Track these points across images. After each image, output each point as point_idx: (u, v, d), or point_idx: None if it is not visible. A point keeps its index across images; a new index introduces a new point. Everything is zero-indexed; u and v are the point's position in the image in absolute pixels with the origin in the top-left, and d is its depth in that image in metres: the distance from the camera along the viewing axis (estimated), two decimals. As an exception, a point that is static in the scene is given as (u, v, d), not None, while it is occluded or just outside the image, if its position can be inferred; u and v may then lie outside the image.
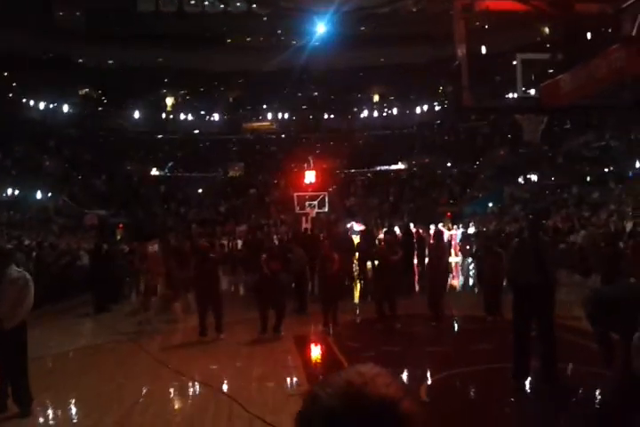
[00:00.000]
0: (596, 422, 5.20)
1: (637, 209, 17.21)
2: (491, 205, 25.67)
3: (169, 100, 38.68)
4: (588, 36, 6.77)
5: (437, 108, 35.81)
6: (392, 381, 0.96)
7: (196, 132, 36.33)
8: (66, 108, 34.39)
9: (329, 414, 0.91)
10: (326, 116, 37.94)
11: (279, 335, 8.89)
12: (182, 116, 37.53)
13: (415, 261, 16.36)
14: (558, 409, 5.50)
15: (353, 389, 0.92)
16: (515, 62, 6.72)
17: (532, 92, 6.95)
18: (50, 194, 26.34)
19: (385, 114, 37.42)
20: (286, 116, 38.18)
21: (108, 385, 6.75)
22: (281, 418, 5.32)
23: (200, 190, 31.85)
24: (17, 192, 25.58)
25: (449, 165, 31.81)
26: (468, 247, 19.98)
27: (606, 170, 22.74)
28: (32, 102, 33.13)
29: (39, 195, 25.87)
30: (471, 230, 21.64)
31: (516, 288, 6.20)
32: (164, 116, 37.81)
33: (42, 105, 33.52)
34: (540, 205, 21.29)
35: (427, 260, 17.89)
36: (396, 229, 17.39)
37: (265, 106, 38.76)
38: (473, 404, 5.88)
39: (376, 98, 39.07)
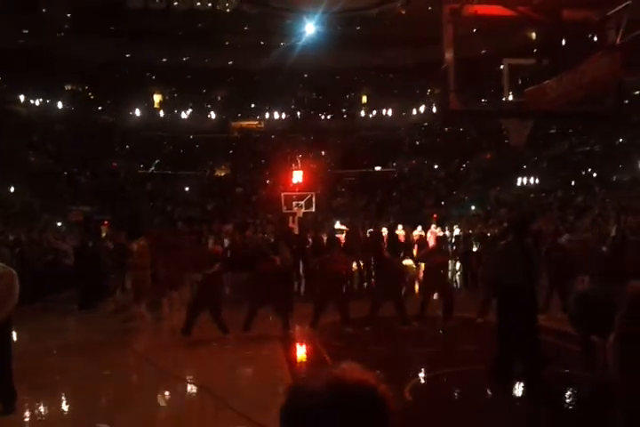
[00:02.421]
0: (576, 422, 5.32)
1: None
2: (474, 208, 25.92)
3: (156, 98, 38.45)
4: (574, 42, 6.88)
5: (425, 110, 35.99)
6: (368, 372, 1.06)
7: (184, 129, 36.16)
8: (52, 103, 34.09)
9: (312, 398, 1.00)
10: (314, 117, 37.95)
11: (288, 332, 8.98)
12: (169, 114, 37.34)
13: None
14: (539, 411, 5.58)
15: (333, 376, 1.02)
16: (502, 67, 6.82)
17: (518, 96, 7.05)
18: (34, 189, 26.11)
19: (373, 115, 37.51)
20: (274, 115, 38.14)
21: (93, 382, 6.74)
22: (266, 416, 5.35)
23: (187, 188, 31.75)
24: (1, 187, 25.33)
25: (436, 167, 32.02)
26: (453, 249, 20.13)
27: (591, 175, 23.05)
28: (17, 97, 32.79)
29: (23, 190, 25.63)
30: (456, 233, 21.77)
31: (503, 291, 6.19)
32: (151, 113, 37.58)
33: (27, 100, 33.19)
34: (525, 209, 21.50)
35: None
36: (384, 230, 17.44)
37: (253, 105, 38.67)
38: (456, 405, 5.95)
39: (364, 99, 39.15)
